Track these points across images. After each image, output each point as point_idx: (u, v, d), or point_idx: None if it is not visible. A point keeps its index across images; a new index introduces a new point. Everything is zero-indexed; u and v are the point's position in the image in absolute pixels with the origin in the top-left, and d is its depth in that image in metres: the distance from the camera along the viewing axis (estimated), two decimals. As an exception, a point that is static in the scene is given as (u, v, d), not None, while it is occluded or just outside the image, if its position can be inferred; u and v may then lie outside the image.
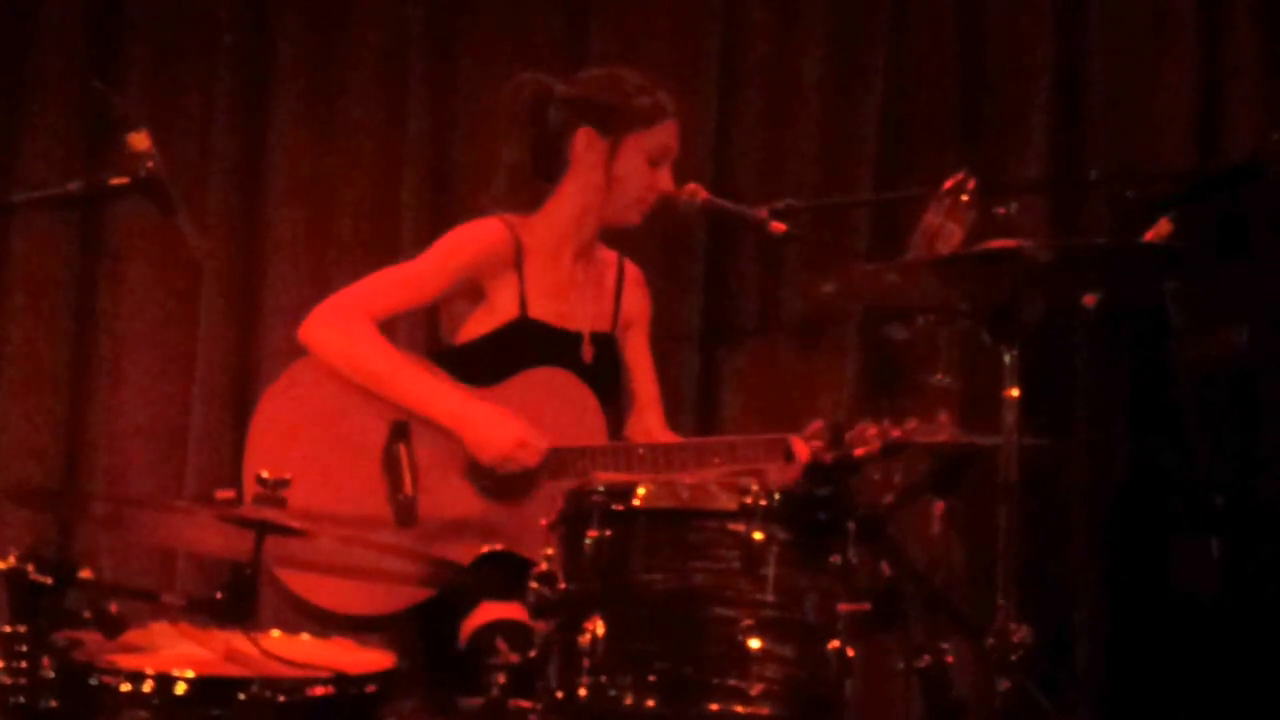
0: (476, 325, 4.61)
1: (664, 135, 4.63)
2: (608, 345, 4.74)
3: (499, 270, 4.58)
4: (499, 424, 4.40)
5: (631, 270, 4.88)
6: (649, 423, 4.82)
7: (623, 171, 4.60)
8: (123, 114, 3.79)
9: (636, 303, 4.87)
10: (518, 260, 4.59)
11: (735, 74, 5.53)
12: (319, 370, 4.47)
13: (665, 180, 4.65)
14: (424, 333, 5.17)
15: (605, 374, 4.68)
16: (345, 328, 4.45)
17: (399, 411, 4.45)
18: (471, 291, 4.60)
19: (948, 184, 4.26)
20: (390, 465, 4.43)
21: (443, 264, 4.59)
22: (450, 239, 4.62)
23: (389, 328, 4.57)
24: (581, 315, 4.68)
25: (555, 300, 4.64)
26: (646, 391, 4.85)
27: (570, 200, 4.66)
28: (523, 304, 4.59)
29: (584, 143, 4.61)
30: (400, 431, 4.44)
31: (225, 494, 4.16)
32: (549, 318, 4.62)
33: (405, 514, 4.41)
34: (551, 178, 4.67)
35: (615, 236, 4.80)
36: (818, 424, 4.40)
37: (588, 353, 4.65)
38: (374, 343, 4.45)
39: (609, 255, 4.84)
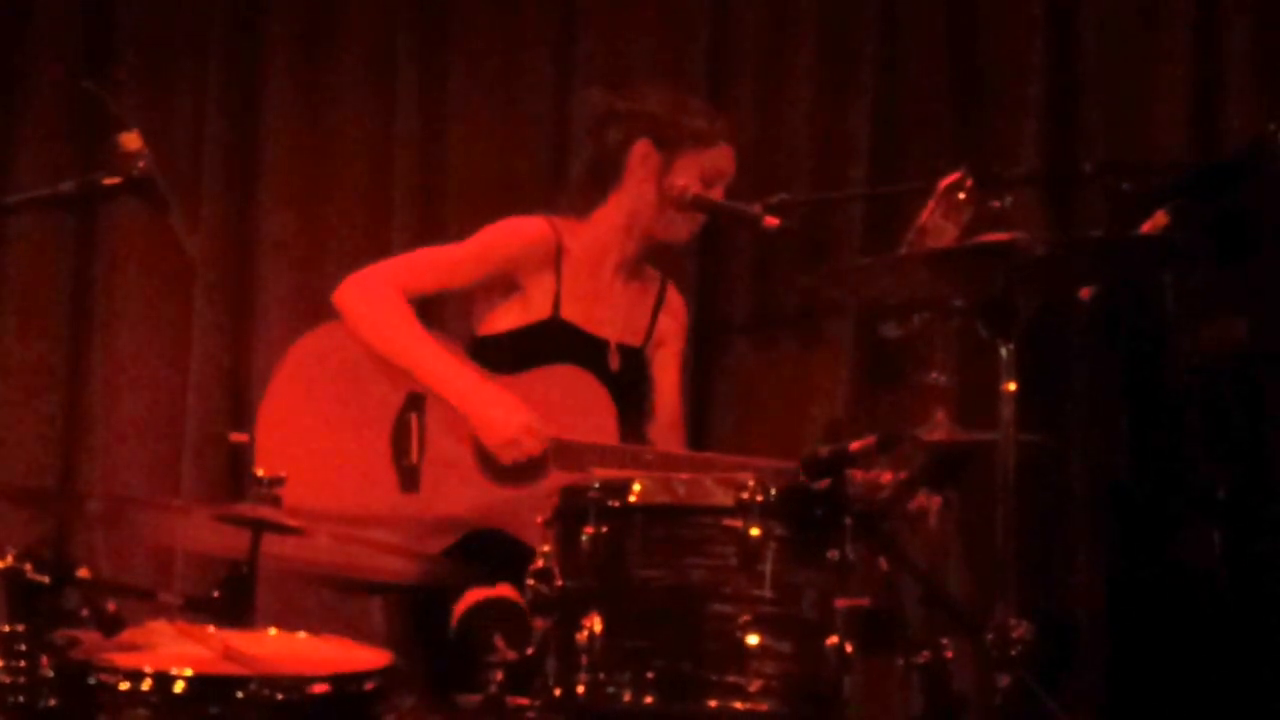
0: (508, 319, 4.68)
1: (719, 158, 4.72)
2: (636, 359, 4.80)
3: (536, 268, 4.64)
4: (506, 409, 4.45)
5: (673, 295, 4.96)
6: (670, 443, 4.83)
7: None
8: (115, 114, 3.79)
9: (672, 326, 4.94)
10: (557, 261, 4.65)
11: (726, 69, 5.52)
12: (341, 336, 4.54)
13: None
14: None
15: (631, 385, 4.74)
16: (375, 297, 4.53)
17: (417, 385, 4.49)
18: (506, 285, 4.66)
19: (945, 182, 4.27)
20: (400, 432, 4.49)
21: (482, 254, 4.65)
22: (493, 230, 4.68)
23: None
24: (612, 325, 4.72)
25: (589, 306, 4.70)
26: (670, 412, 4.89)
27: (620, 210, 4.72)
28: (556, 304, 4.64)
29: (640, 154, 4.67)
30: (415, 403, 4.51)
31: (239, 437, 4.20)
32: (580, 321, 4.68)
33: (408, 479, 4.48)
34: (606, 189, 4.72)
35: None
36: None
37: (614, 361, 4.68)
38: (400, 315, 4.52)
39: (653, 275, 4.91)
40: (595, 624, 3.39)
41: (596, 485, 3.50)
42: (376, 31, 5.68)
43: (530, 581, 3.49)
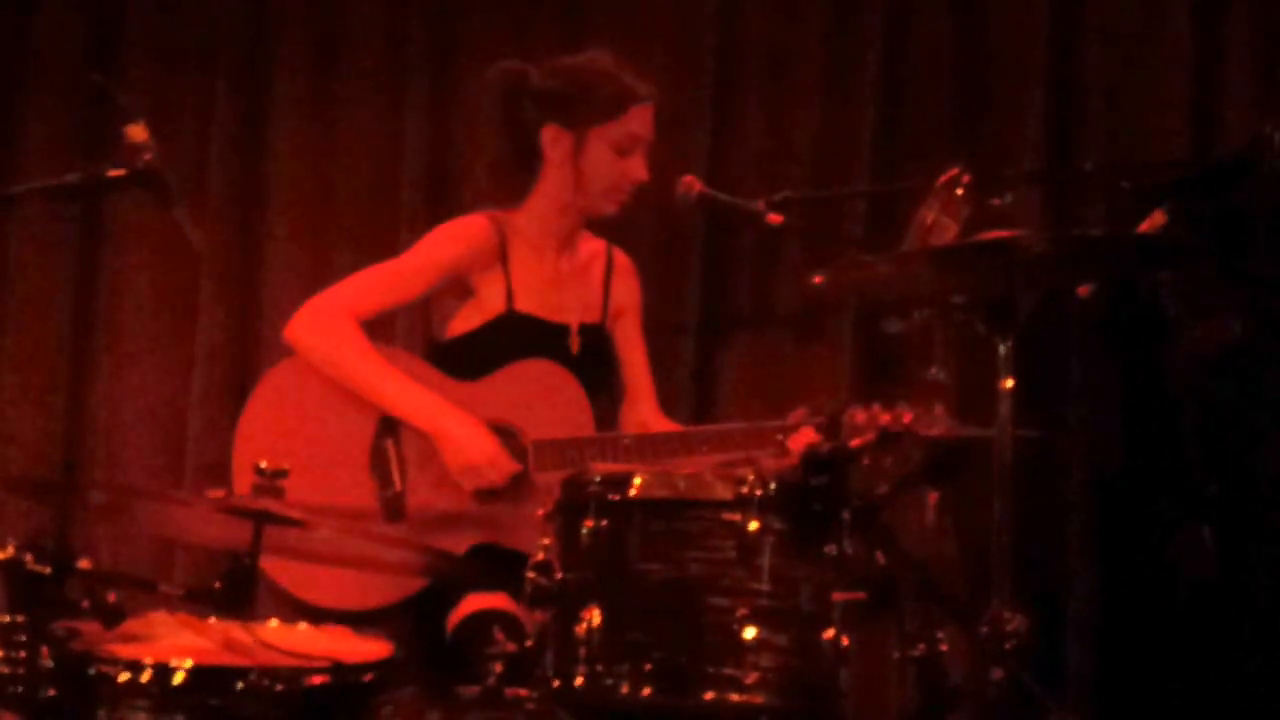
0: (465, 320, 4.63)
1: (632, 124, 4.61)
2: (597, 336, 4.76)
3: (484, 265, 4.60)
4: (472, 437, 4.41)
5: (620, 259, 4.89)
6: (643, 412, 4.83)
7: (590, 165, 4.60)
8: (121, 106, 3.80)
9: (626, 292, 4.88)
10: (503, 255, 4.61)
11: (732, 66, 5.54)
12: (306, 368, 4.49)
13: (638, 169, 4.63)
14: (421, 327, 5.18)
15: (594, 365, 4.70)
16: (327, 330, 4.47)
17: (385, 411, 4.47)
18: (458, 287, 4.62)
19: (942, 179, 4.27)
20: (378, 461, 4.45)
21: (427, 262, 4.60)
22: (434, 236, 4.64)
23: (388, 321, 4.67)
24: (569, 307, 4.70)
25: (542, 293, 4.66)
26: (639, 381, 4.86)
27: (547, 195, 4.67)
28: (509, 298, 4.60)
29: (550, 139, 4.62)
30: (388, 427, 4.46)
31: (216, 494, 4.19)
32: (536, 310, 4.64)
33: (393, 509, 4.44)
34: (531, 171, 4.67)
35: (612, 228, 4.82)
36: (800, 411, 4.42)
37: (575, 344, 4.66)
38: (355, 346, 4.46)
39: (597, 245, 4.85)
40: (594, 616, 3.40)
41: (597, 479, 3.51)
42: (386, 30, 5.70)
43: (530, 574, 3.49)
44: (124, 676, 3.17)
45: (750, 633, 3.36)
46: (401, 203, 5.60)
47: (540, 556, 3.50)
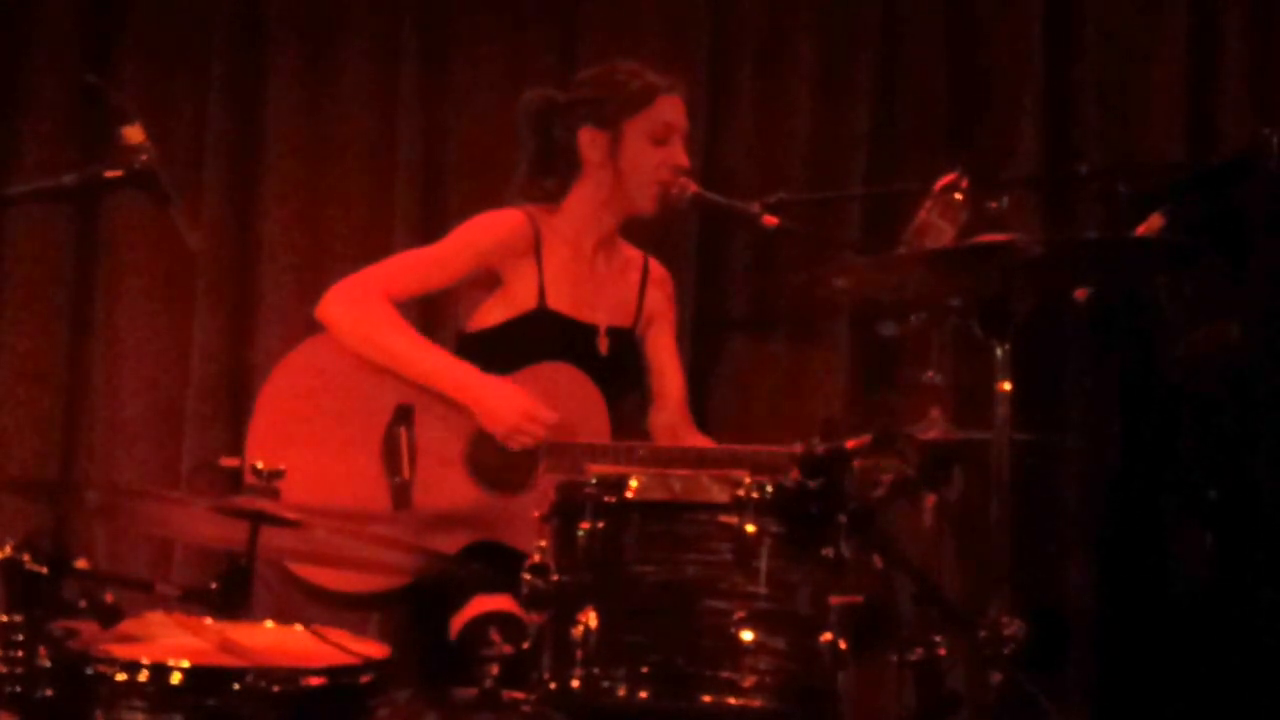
0: (494, 313, 4.67)
1: (663, 112, 4.69)
2: (627, 340, 4.79)
3: (517, 259, 4.63)
4: (508, 396, 4.45)
5: (656, 269, 4.93)
6: (673, 419, 4.85)
7: (628, 159, 4.65)
8: (118, 107, 3.80)
9: (660, 301, 4.92)
10: (537, 250, 4.64)
11: (727, 68, 5.55)
12: (332, 349, 4.52)
13: (677, 155, 4.69)
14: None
15: (622, 368, 4.74)
16: (361, 305, 4.52)
17: (405, 395, 4.49)
18: (489, 279, 4.66)
19: (941, 183, 4.27)
20: (390, 447, 4.46)
21: (461, 250, 4.65)
22: (470, 226, 4.67)
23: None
24: (599, 308, 4.73)
25: (574, 291, 4.69)
26: (670, 389, 4.89)
27: (586, 198, 4.72)
28: (541, 294, 4.63)
29: (587, 141, 4.68)
30: (403, 415, 4.48)
31: (230, 462, 4.18)
32: (566, 309, 4.66)
33: (401, 496, 4.45)
34: (570, 179, 4.72)
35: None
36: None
37: (603, 345, 4.68)
38: (388, 320, 4.51)
39: (634, 254, 4.89)
40: (590, 619, 3.39)
41: (593, 481, 3.50)
42: (380, 30, 5.69)
43: (526, 576, 3.49)
44: (121, 676, 3.17)
45: (747, 635, 3.35)
46: (395, 201, 5.59)
47: (536, 559, 3.50)
